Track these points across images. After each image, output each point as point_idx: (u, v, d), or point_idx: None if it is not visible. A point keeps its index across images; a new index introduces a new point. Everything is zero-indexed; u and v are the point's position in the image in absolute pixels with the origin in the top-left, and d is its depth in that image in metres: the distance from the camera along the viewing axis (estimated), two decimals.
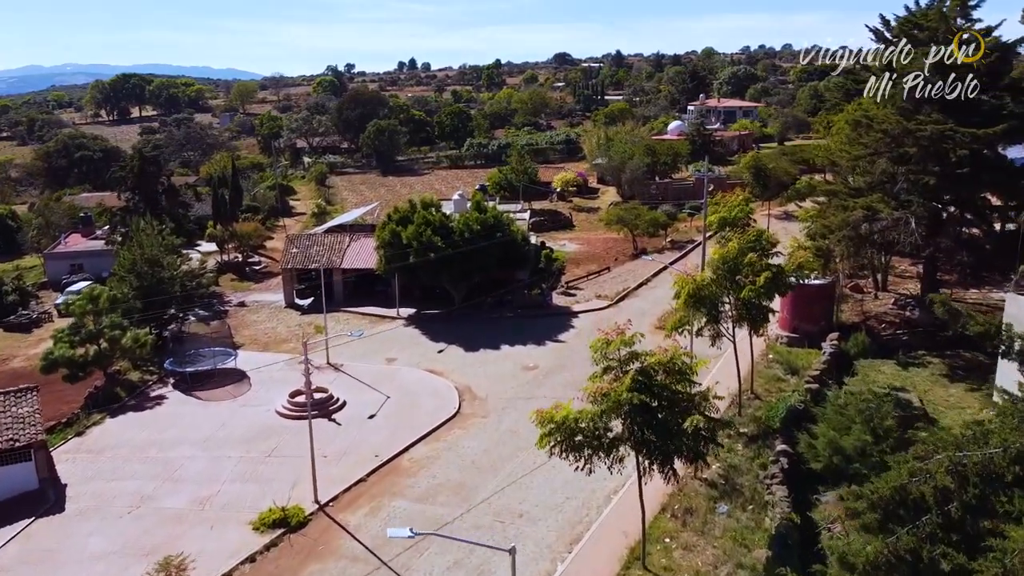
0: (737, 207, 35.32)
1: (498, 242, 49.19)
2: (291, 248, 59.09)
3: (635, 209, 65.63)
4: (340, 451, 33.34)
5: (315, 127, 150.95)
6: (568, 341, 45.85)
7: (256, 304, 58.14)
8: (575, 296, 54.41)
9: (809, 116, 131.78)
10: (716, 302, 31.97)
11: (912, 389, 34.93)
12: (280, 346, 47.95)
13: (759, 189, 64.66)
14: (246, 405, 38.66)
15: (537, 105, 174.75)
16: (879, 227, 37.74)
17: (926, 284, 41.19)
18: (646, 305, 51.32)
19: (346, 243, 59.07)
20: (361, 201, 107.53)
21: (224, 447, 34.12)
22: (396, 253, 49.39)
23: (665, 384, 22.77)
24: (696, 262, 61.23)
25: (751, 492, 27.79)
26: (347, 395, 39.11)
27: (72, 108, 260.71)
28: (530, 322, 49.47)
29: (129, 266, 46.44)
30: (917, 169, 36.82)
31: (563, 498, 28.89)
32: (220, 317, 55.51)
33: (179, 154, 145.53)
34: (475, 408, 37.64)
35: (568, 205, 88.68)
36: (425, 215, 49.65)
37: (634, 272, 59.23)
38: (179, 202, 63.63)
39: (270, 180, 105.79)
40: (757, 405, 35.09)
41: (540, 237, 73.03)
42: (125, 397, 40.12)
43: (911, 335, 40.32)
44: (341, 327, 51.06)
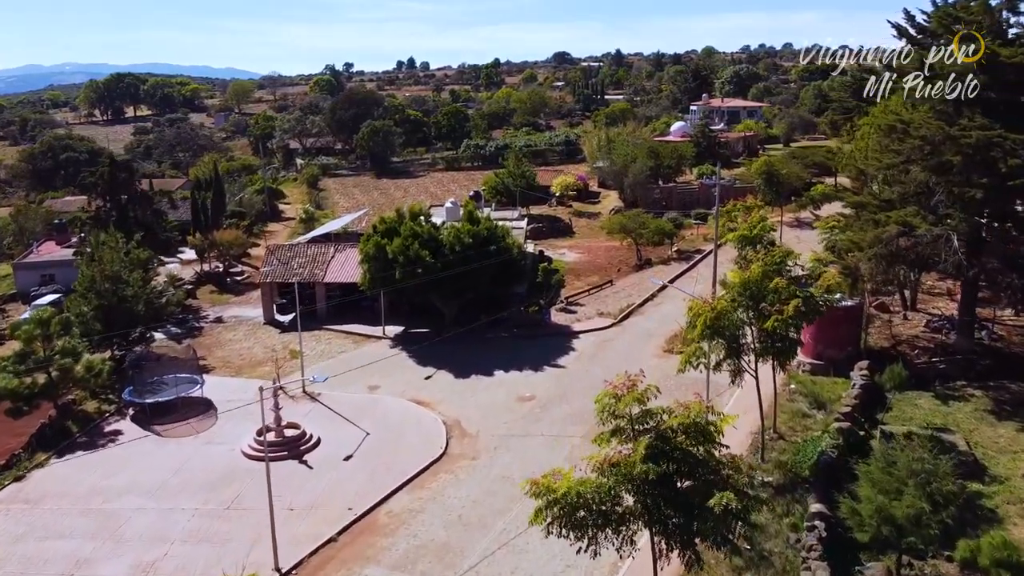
0: (759, 224, 31.23)
1: (492, 256, 45.25)
2: (271, 260, 55.11)
3: (639, 217, 61.63)
4: (309, 502, 29.37)
5: (308, 128, 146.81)
6: (568, 366, 41.84)
7: (234, 320, 54.15)
8: (575, 313, 50.40)
9: (814, 116, 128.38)
10: (737, 333, 28.04)
11: (956, 429, 30.95)
12: (255, 370, 43.94)
13: (771, 196, 60.61)
14: (209, 443, 34.66)
15: (536, 105, 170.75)
16: (916, 244, 33.74)
17: (964, 306, 37.20)
18: (652, 324, 47.30)
19: (330, 254, 55.09)
20: (353, 205, 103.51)
21: (179, 496, 30.12)
22: (381, 268, 45.42)
23: (686, 448, 18.83)
24: (704, 272, 57.43)
25: (782, 562, 23.84)
26: (322, 430, 35.16)
27: (68, 108, 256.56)
28: (527, 343, 45.48)
29: (88, 283, 42.49)
30: (960, 180, 32.84)
31: (563, 566, 24.92)
32: (193, 335, 51.63)
33: (170, 155, 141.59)
34: (464, 447, 33.67)
35: (568, 210, 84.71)
36: (413, 226, 45.66)
37: (639, 286, 55.20)
38: (153, 210, 59.46)
39: (259, 183, 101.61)
40: (781, 447, 31.12)
41: (538, 245, 69.18)
42: (76, 433, 36.18)
43: (948, 363, 36.35)
44: (322, 347, 47.17)
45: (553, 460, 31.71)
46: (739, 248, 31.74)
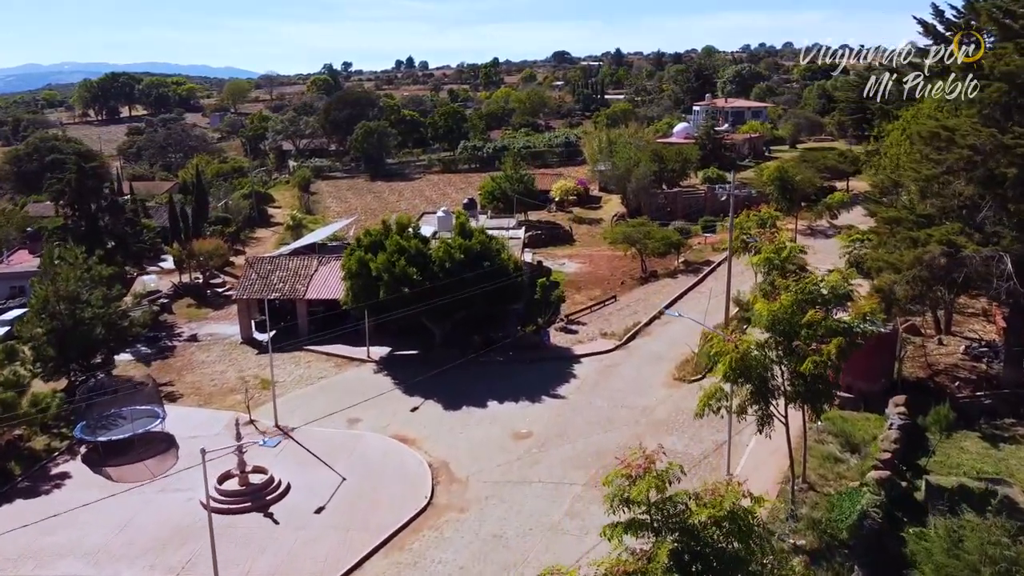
0: (789, 249, 27.27)
1: (486, 272, 41.42)
2: (249, 273, 51.26)
3: (644, 226, 57.69)
4: (270, 571, 25.49)
5: (302, 129, 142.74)
6: (569, 396, 37.94)
7: (209, 339, 50.31)
8: (576, 333, 46.51)
9: (819, 116, 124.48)
10: (766, 375, 24.19)
11: (1011, 479, 27.12)
12: (225, 399, 40.10)
13: (785, 204, 56.67)
14: (164, 490, 30.73)
15: (535, 105, 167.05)
16: (960, 266, 29.89)
17: (1013, 334, 33.33)
18: (660, 347, 43.43)
19: (313, 267, 51.24)
20: (345, 210, 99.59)
21: (121, 561, 26.22)
22: (365, 285, 41.58)
23: (719, 546, 15.01)
24: (715, 287, 53.55)
25: None
26: (293, 474, 31.28)
27: (63, 108, 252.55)
28: (524, 368, 41.60)
29: (41, 304, 38.66)
30: (1014, 195, 29.00)
31: None
32: (165, 355, 47.80)
33: (161, 157, 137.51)
34: (452, 496, 29.79)
35: (568, 216, 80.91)
36: (399, 241, 41.78)
37: (644, 301, 51.32)
38: (126, 219, 55.57)
39: (247, 187, 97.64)
40: (813, 500, 27.24)
41: (536, 254, 65.41)
42: (18, 476, 32.34)
43: (995, 397, 32.49)
44: (301, 371, 43.39)
45: (552, 514, 28.04)
46: (764, 272, 27.85)
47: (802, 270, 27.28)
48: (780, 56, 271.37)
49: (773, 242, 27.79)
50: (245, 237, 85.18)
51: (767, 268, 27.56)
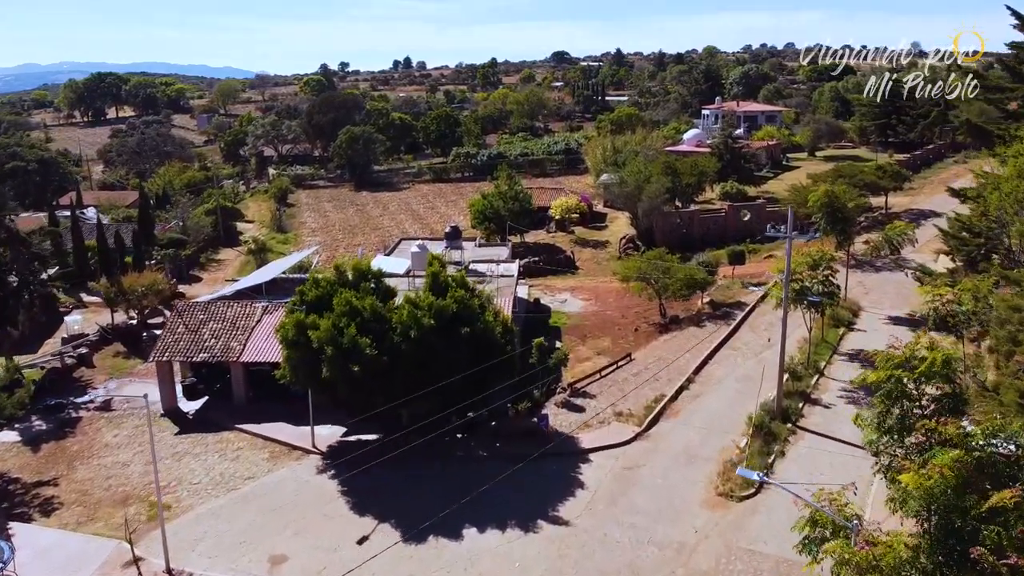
0: (925, 358, 16.92)
1: (465, 339, 31.41)
2: (176, 326, 41.17)
3: (662, 260, 47.50)
4: None
5: (284, 133, 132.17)
6: (574, 521, 27.70)
7: (126, 407, 40.25)
8: (583, 411, 36.33)
9: (837, 121, 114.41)
10: None
11: None
12: (115, 512, 29.97)
13: (840, 237, 46.44)
14: None
15: (534, 106, 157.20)
16: None
17: None
18: (693, 435, 33.17)
19: (256, 316, 41.30)
20: (323, 226, 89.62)
21: None
22: (305, 357, 31.52)
23: None
24: (751, 342, 43.54)
25: None
26: None
27: (53, 108, 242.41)
28: (515, 471, 31.28)
29: None
30: None
31: None
32: (64, 432, 37.84)
33: (135, 163, 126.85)
34: None
35: (569, 237, 70.96)
36: (351, 299, 31.65)
37: (665, 359, 41.02)
38: (31, 255, 45.56)
39: (211, 201, 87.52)
40: None
41: (533, 288, 55.63)
42: None
43: None
44: (223, 466, 33.43)
45: None
46: (883, 405, 17.21)
47: (948, 382, 17.00)
48: (783, 56, 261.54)
49: (904, 348, 17.24)
50: (205, 260, 75.21)
51: (890, 401, 16.96)
